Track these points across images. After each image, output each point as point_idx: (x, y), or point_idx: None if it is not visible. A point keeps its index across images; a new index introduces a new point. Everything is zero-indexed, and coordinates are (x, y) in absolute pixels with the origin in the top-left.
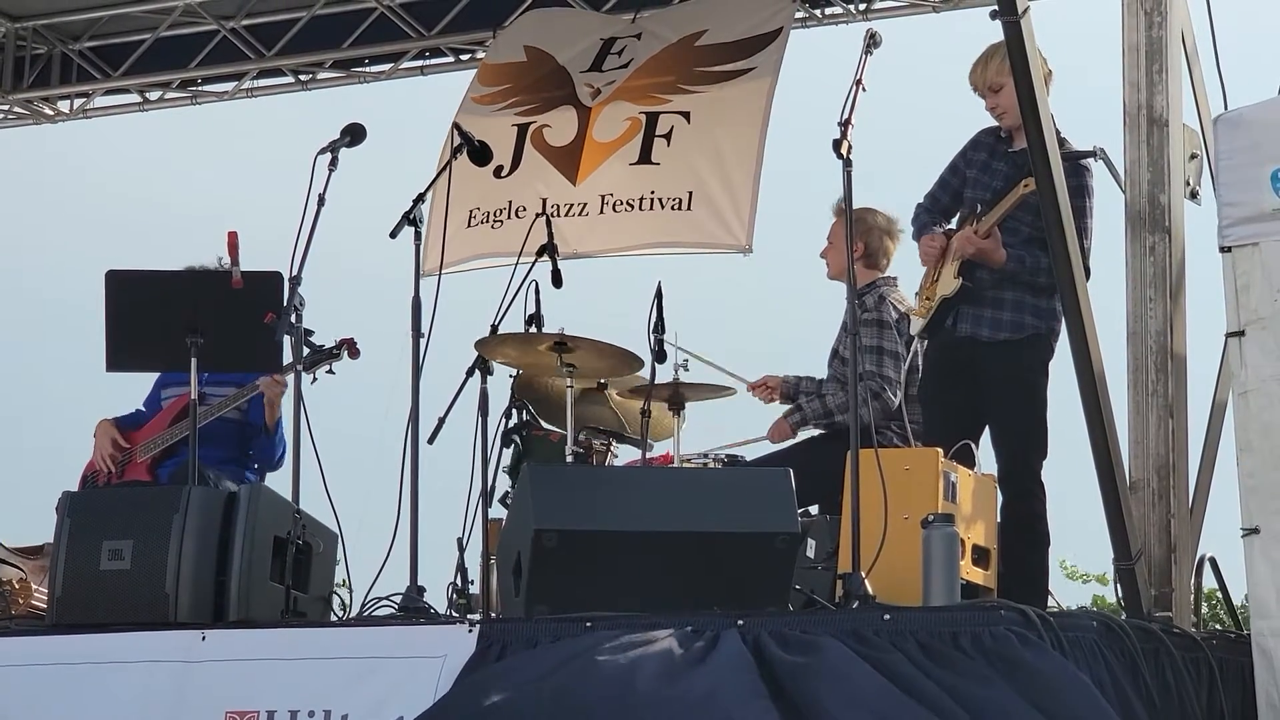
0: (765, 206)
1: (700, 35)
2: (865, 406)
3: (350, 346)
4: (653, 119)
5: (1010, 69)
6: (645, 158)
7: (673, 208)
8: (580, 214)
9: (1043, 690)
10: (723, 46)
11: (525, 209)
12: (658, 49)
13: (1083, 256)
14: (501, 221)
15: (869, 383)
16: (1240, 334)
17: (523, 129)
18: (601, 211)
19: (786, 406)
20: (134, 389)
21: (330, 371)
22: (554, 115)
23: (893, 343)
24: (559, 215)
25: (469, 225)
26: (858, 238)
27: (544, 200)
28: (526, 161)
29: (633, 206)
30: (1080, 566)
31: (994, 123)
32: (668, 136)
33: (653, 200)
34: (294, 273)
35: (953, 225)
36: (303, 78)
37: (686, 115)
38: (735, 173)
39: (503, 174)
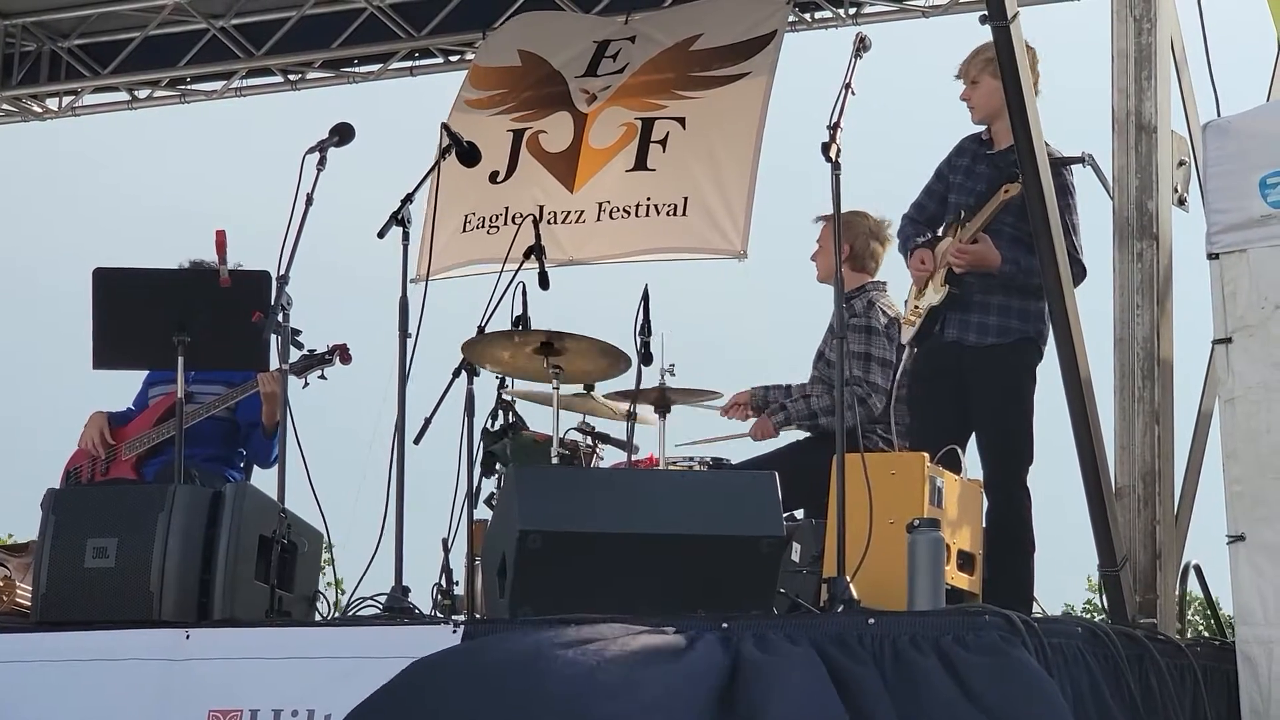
0: (758, 210)
1: (695, 39)
2: (850, 411)
3: (343, 352)
4: (648, 125)
5: (990, 71)
6: (641, 164)
7: (668, 214)
8: (578, 221)
9: (1019, 695)
10: (718, 50)
11: (522, 215)
12: (653, 53)
13: (1075, 254)
14: (498, 228)
15: (854, 387)
16: (1227, 341)
17: (518, 134)
18: (599, 219)
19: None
20: (120, 387)
21: (323, 377)
22: (549, 121)
23: (881, 349)
24: (556, 222)
25: (464, 230)
26: (844, 239)
27: (541, 208)
28: (523, 167)
29: (629, 213)
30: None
31: (975, 126)
32: (663, 142)
33: (649, 207)
34: (282, 272)
35: (939, 233)
36: (292, 77)
37: (682, 121)
38: (730, 178)
39: (499, 179)
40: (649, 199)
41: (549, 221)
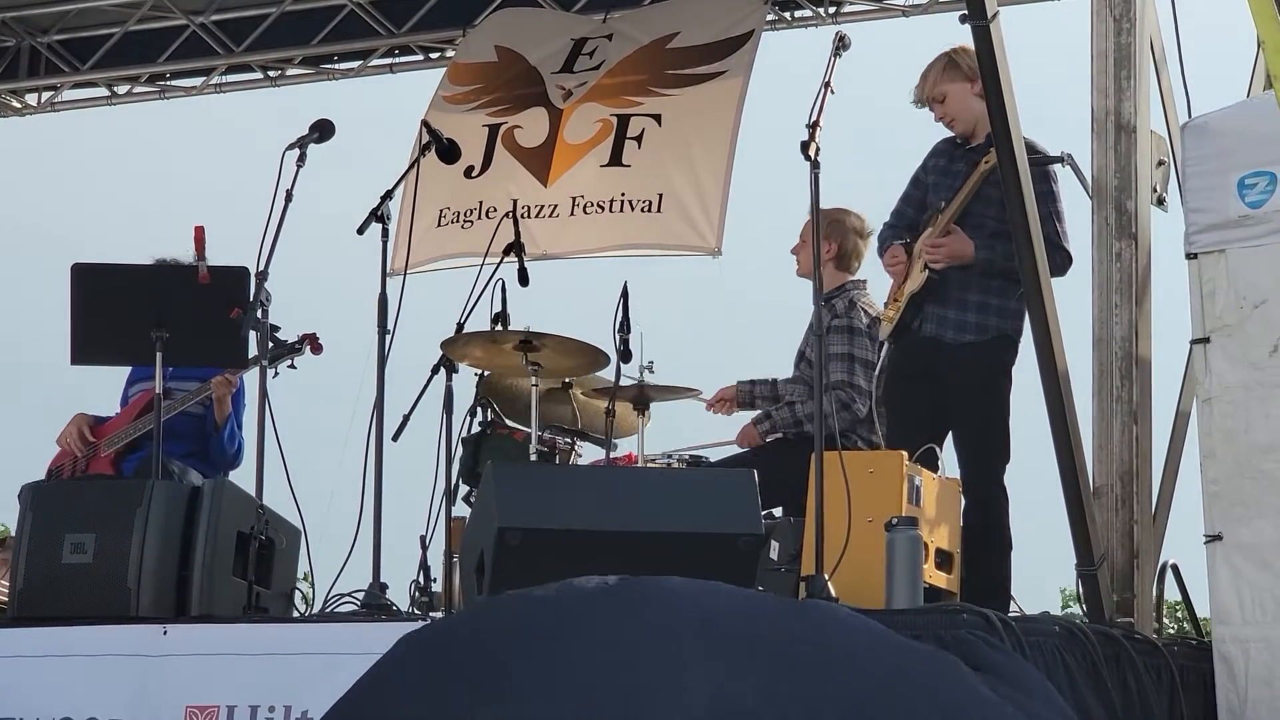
0: (733, 208)
1: (672, 37)
2: (834, 416)
3: (312, 341)
4: (624, 121)
5: (951, 78)
6: (616, 160)
7: (643, 210)
8: (551, 215)
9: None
10: (694, 49)
11: (496, 209)
12: (629, 50)
13: (1060, 241)
14: (472, 222)
15: (839, 392)
16: (1205, 341)
17: (494, 129)
18: (572, 213)
19: (752, 413)
20: (100, 383)
21: (292, 366)
22: (525, 116)
23: (863, 350)
24: (529, 216)
25: (439, 225)
26: (832, 239)
27: (515, 201)
28: (497, 162)
29: (603, 208)
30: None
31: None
32: (639, 139)
33: (623, 202)
34: (261, 268)
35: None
36: (272, 74)
37: (658, 118)
38: (705, 176)
39: (474, 174)
40: (624, 195)
41: (523, 215)
